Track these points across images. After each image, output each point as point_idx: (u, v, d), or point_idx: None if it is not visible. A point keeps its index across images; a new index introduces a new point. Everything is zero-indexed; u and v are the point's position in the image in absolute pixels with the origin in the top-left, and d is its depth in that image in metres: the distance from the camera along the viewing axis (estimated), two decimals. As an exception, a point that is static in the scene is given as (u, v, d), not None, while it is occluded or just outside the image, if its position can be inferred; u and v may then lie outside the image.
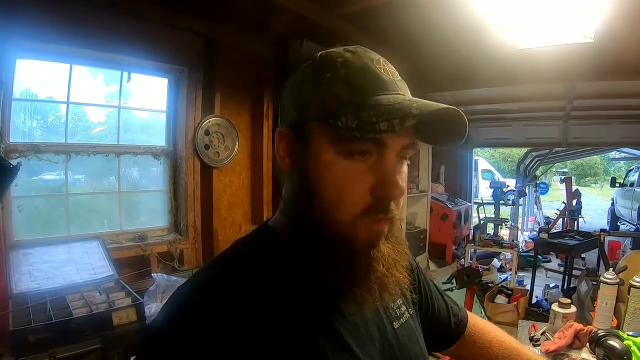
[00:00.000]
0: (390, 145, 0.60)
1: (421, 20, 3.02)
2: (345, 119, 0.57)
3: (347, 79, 0.60)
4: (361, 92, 0.59)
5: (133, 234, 2.60)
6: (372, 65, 0.61)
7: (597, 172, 25.87)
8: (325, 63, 0.63)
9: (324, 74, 0.61)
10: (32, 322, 1.53)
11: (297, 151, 0.64)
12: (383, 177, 0.59)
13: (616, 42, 2.71)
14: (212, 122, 2.85)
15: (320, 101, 0.60)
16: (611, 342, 1.54)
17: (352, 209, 0.59)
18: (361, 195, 0.59)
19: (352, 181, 0.59)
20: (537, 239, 5.15)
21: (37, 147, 2.18)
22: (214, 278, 0.63)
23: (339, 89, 0.59)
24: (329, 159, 0.60)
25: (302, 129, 0.62)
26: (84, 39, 2.21)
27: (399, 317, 0.75)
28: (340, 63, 0.61)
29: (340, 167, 0.59)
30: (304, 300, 0.62)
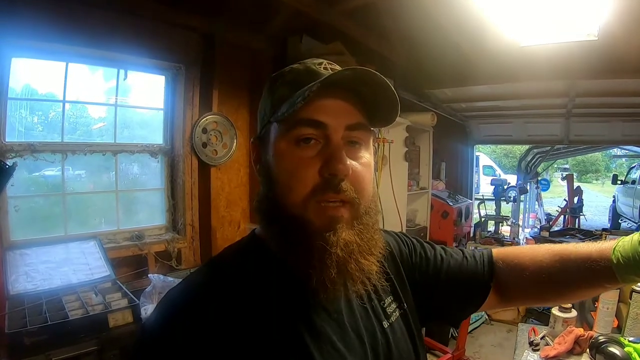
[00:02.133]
0: (332, 126, 0.64)
1: (421, 17, 3.00)
2: (282, 108, 0.65)
3: (290, 80, 0.69)
4: (298, 85, 0.65)
5: (130, 233, 2.58)
6: (314, 67, 0.69)
7: (598, 169, 25.84)
8: (276, 76, 0.72)
9: (275, 83, 0.71)
10: (27, 325, 1.53)
11: (262, 154, 0.72)
12: (328, 156, 0.63)
13: (619, 40, 2.67)
14: (209, 120, 2.82)
15: (271, 105, 0.69)
16: (612, 349, 1.53)
17: (301, 190, 0.63)
18: (310, 176, 0.63)
19: (301, 165, 0.64)
20: (538, 237, 5.14)
21: (33, 147, 2.16)
22: (206, 282, 0.67)
23: (283, 90, 0.68)
24: (281, 149, 0.66)
25: (263, 135, 0.71)
26: (80, 37, 2.17)
27: (389, 316, 0.76)
28: (287, 72, 0.71)
29: (290, 155, 0.65)
30: (290, 302, 0.64)
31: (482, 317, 4.35)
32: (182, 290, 0.67)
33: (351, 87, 0.66)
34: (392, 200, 3.99)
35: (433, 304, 0.85)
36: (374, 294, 0.74)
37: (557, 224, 7.39)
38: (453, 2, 2.52)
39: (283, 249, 0.65)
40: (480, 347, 3.90)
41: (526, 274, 0.80)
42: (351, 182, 0.64)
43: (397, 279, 0.82)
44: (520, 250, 0.87)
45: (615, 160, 20.05)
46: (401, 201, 4.12)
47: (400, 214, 4.08)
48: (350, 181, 0.64)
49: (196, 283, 0.68)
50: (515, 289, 0.84)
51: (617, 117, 5.29)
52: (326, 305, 0.66)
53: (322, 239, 0.62)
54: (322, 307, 0.66)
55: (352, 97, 0.66)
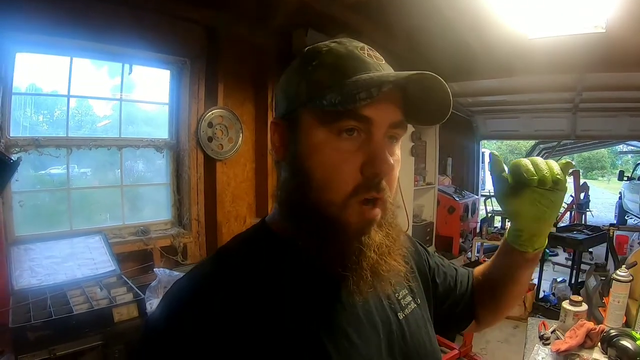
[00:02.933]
0: (377, 122, 0.60)
1: (427, 9, 2.96)
2: (329, 97, 0.59)
3: (331, 63, 0.63)
4: (344, 73, 0.61)
5: (136, 228, 2.57)
6: (356, 51, 0.64)
7: (604, 165, 25.74)
8: (311, 53, 0.66)
9: (310, 62, 0.64)
10: (32, 319, 1.52)
11: (289, 138, 0.66)
12: (372, 153, 0.60)
13: (627, 32, 2.63)
14: (215, 114, 2.80)
15: (306, 87, 0.63)
16: (624, 343, 1.51)
17: (342, 188, 0.60)
18: (351, 174, 0.60)
19: (341, 160, 0.60)
20: (544, 232, 5.08)
21: (37, 142, 2.15)
22: (213, 272, 0.64)
23: (323, 73, 0.62)
24: (318, 140, 0.61)
25: (292, 117, 0.65)
26: (84, 31, 2.17)
27: (404, 308, 0.74)
28: (325, 51, 0.65)
29: (329, 147, 0.60)
30: (304, 292, 0.62)
31: (488, 313, 4.31)
32: (189, 281, 0.64)
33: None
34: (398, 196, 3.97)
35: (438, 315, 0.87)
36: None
37: (563, 221, 7.34)
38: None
39: (315, 249, 0.62)
40: (487, 343, 3.88)
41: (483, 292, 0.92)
42: (388, 179, 0.62)
43: (412, 276, 0.81)
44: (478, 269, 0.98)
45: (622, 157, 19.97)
46: (407, 196, 4.11)
47: (407, 210, 4.06)
48: (387, 178, 0.62)
49: (203, 274, 0.65)
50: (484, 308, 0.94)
51: (624, 111, 5.25)
52: (342, 296, 0.64)
53: (359, 240, 0.61)
54: (336, 298, 0.64)
55: (398, 92, 0.63)
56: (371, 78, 0.58)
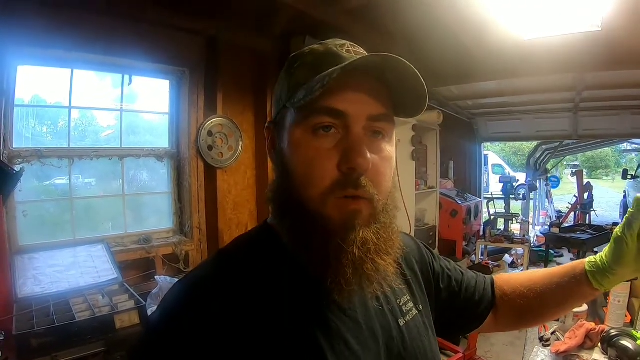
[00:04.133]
0: (353, 115, 0.60)
1: (424, 13, 2.97)
2: (299, 94, 0.60)
3: (309, 62, 0.64)
4: (317, 69, 0.61)
5: (138, 237, 2.60)
6: (335, 49, 0.65)
7: (608, 165, 25.60)
8: (295, 56, 0.68)
9: (293, 65, 0.67)
10: (35, 326, 1.54)
11: (277, 140, 0.68)
12: (348, 147, 0.59)
13: (624, 30, 2.64)
14: (215, 123, 2.83)
15: (287, 88, 0.65)
16: (624, 343, 1.50)
17: (320, 184, 0.60)
18: (328, 170, 0.59)
19: (318, 156, 0.60)
20: (548, 233, 5.08)
21: (40, 153, 2.18)
22: (213, 275, 0.63)
23: (302, 73, 0.63)
24: (296, 137, 0.62)
25: (278, 119, 0.67)
26: (84, 43, 2.21)
27: (405, 314, 0.73)
28: (307, 53, 0.67)
29: (306, 145, 0.61)
30: (302, 297, 0.61)
31: (493, 316, 4.29)
32: (189, 282, 0.64)
33: (376, 74, 0.62)
34: (400, 200, 3.96)
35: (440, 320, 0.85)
36: (390, 291, 0.71)
37: (567, 221, 7.30)
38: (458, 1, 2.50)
39: (296, 245, 0.62)
40: (491, 346, 3.86)
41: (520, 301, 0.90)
42: (370, 177, 0.60)
43: (414, 280, 0.81)
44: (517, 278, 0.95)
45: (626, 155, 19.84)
46: (409, 200, 4.11)
47: (409, 214, 4.06)
48: (369, 176, 0.60)
49: (203, 275, 0.65)
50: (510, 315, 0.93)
51: (625, 109, 5.24)
52: (340, 302, 0.63)
53: (340, 236, 0.59)
54: (335, 304, 0.63)
55: (376, 83, 0.62)
56: (331, 69, 0.58)
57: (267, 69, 3.10)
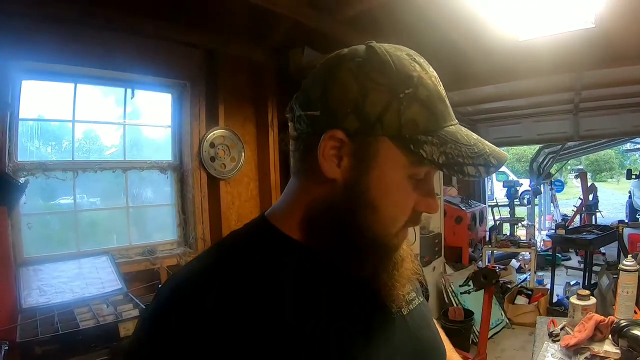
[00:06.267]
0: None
1: (421, 22, 3.01)
2: (429, 150, 0.58)
3: (427, 103, 0.59)
4: (437, 120, 0.60)
5: (142, 248, 2.60)
6: (439, 87, 0.62)
7: (612, 167, 25.53)
8: (400, 74, 0.59)
9: (402, 88, 0.58)
10: (39, 334, 1.54)
11: (351, 160, 0.60)
12: (427, 195, 0.64)
13: (618, 26, 2.66)
14: (216, 134, 2.86)
15: (399, 119, 0.58)
16: (635, 332, 1.48)
17: (399, 223, 0.64)
18: (408, 210, 0.63)
19: (407, 198, 0.63)
20: (554, 235, 5.04)
21: (44, 165, 2.21)
22: (209, 269, 0.61)
23: (418, 112, 0.58)
24: (396, 179, 0.61)
25: (367, 141, 0.59)
26: (86, 58, 2.26)
27: (409, 303, 0.73)
28: (417, 79, 0.59)
29: (401, 189, 0.61)
30: (308, 287, 0.60)
31: (502, 321, 4.25)
32: (184, 277, 0.61)
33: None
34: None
35: None
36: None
37: (573, 223, 7.26)
38: (451, 4, 2.54)
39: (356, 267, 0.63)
40: (502, 352, 3.80)
41: None
42: None
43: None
44: None
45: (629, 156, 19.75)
46: (413, 208, 4.10)
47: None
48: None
49: (199, 268, 0.62)
50: None
51: (625, 108, 5.25)
52: (346, 294, 0.63)
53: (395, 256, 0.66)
54: (344, 294, 0.62)
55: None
56: (472, 148, 0.61)
57: (267, 80, 3.14)
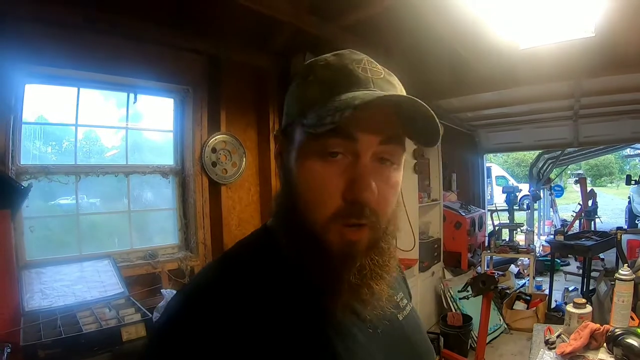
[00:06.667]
0: (364, 142, 0.59)
1: (421, 28, 3.04)
2: (310, 117, 0.58)
3: (322, 79, 0.62)
4: (331, 91, 0.59)
5: (144, 252, 2.62)
6: (351, 65, 0.62)
7: (612, 172, 25.59)
8: (309, 67, 0.65)
9: (307, 77, 0.63)
10: (42, 338, 1.56)
11: (284, 152, 0.66)
12: (354, 179, 0.58)
13: (617, 35, 2.69)
14: (218, 140, 2.88)
15: (298, 102, 0.63)
16: (629, 341, 1.51)
17: (324, 211, 0.59)
18: (333, 198, 0.58)
19: (323, 183, 0.59)
20: (553, 241, 5.06)
21: (47, 169, 2.23)
22: (215, 280, 0.63)
23: (314, 89, 0.61)
24: (304, 159, 0.60)
25: (288, 131, 0.65)
26: (90, 63, 2.28)
27: (403, 309, 0.76)
28: (321, 65, 0.63)
29: (315, 169, 0.59)
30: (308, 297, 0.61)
31: (501, 327, 4.26)
32: (192, 288, 0.65)
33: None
34: (403, 213, 3.98)
35: None
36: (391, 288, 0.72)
37: (572, 229, 7.27)
38: (452, 12, 2.56)
39: (296, 260, 0.62)
40: (500, 357, 3.81)
41: None
42: (374, 205, 0.59)
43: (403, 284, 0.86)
44: None
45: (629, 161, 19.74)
46: (413, 214, 4.12)
47: (413, 227, 4.06)
48: (373, 205, 0.59)
49: (206, 281, 0.65)
50: None
51: (624, 114, 5.28)
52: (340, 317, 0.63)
53: (339, 262, 0.59)
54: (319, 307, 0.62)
55: (389, 111, 0.60)
56: (346, 100, 0.56)
57: (269, 86, 3.16)
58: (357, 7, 2.74)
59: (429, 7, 2.64)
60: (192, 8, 2.66)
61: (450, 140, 5.52)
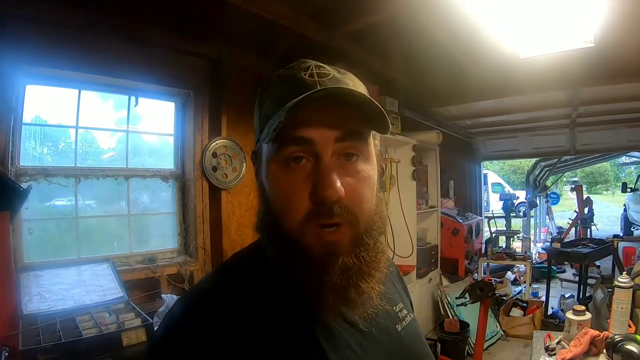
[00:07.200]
0: (319, 142, 0.59)
1: (422, 36, 3.06)
2: (264, 131, 0.61)
3: (274, 93, 0.64)
4: (281, 103, 0.59)
5: (143, 256, 2.60)
6: (299, 74, 0.63)
7: (608, 179, 25.78)
8: (265, 85, 0.68)
9: (262, 95, 0.67)
10: (41, 342, 1.54)
11: (258, 170, 0.69)
12: (317, 179, 0.59)
13: (616, 45, 2.72)
14: (219, 144, 2.88)
15: (259, 121, 0.66)
16: (629, 347, 1.52)
17: (295, 216, 0.60)
18: (301, 202, 0.59)
19: (291, 189, 0.60)
20: (550, 249, 5.08)
21: (47, 171, 2.22)
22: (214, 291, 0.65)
23: (269, 105, 0.64)
24: (271, 170, 0.63)
25: (257, 148, 0.68)
26: (91, 65, 2.27)
27: (402, 320, 0.76)
28: (273, 82, 0.66)
29: (281, 177, 0.61)
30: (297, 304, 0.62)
31: (497, 333, 4.26)
32: (191, 299, 0.68)
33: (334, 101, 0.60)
34: (401, 220, 3.99)
35: None
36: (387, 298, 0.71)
37: (568, 236, 7.30)
38: (453, 20, 2.59)
39: (283, 270, 0.63)
40: (498, 364, 3.82)
41: None
42: (347, 201, 0.59)
43: (404, 293, 0.86)
44: None
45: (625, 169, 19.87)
46: (411, 220, 4.13)
47: (411, 233, 4.08)
48: (345, 201, 0.59)
49: (204, 292, 0.68)
50: None
51: (621, 123, 5.34)
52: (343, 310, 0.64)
53: (321, 265, 0.59)
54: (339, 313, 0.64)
55: (340, 106, 0.60)
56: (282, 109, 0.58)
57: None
58: (360, 15, 2.76)
59: (430, 15, 2.67)
60: (194, 12, 2.66)
61: (448, 148, 5.54)
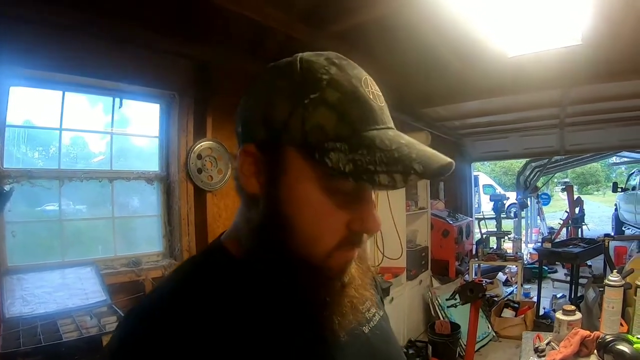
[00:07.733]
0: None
1: (410, 36, 3.06)
2: (335, 157, 0.51)
3: (337, 106, 0.53)
4: (352, 125, 0.53)
5: (127, 260, 2.56)
6: (361, 89, 0.55)
7: (598, 180, 26.11)
8: (307, 78, 0.55)
9: (308, 92, 0.54)
10: (21, 346, 1.51)
11: (266, 175, 0.57)
12: (362, 212, 0.57)
13: (604, 44, 2.74)
14: (204, 146, 2.84)
15: (303, 124, 0.53)
16: (620, 347, 1.50)
17: (328, 242, 0.56)
18: (338, 229, 0.56)
19: (330, 216, 0.55)
20: (541, 249, 5.11)
21: (30, 173, 2.17)
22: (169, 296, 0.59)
23: (326, 116, 0.53)
24: (308, 192, 0.55)
25: (275, 152, 0.56)
26: (75, 66, 2.23)
27: (369, 320, 0.72)
28: (327, 82, 0.54)
29: (320, 202, 0.55)
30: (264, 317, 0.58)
31: (489, 334, 4.26)
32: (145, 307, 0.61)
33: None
34: (390, 222, 3.98)
35: None
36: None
37: (560, 236, 7.36)
38: (441, 20, 2.59)
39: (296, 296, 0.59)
40: (489, 365, 3.81)
41: None
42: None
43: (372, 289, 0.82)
44: None
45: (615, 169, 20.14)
46: (400, 222, 4.12)
47: (400, 235, 4.06)
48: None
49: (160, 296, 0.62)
50: None
51: (611, 122, 5.38)
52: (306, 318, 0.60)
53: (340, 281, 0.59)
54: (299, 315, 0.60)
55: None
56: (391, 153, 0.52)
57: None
58: (347, 14, 2.74)
59: (417, 14, 2.66)
60: (181, 13, 2.62)
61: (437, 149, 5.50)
